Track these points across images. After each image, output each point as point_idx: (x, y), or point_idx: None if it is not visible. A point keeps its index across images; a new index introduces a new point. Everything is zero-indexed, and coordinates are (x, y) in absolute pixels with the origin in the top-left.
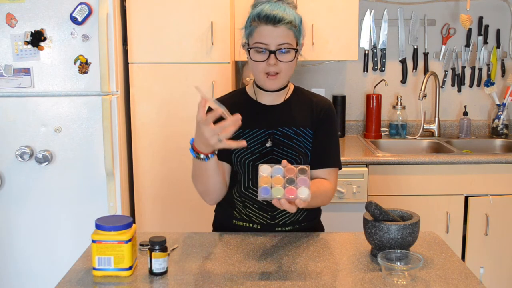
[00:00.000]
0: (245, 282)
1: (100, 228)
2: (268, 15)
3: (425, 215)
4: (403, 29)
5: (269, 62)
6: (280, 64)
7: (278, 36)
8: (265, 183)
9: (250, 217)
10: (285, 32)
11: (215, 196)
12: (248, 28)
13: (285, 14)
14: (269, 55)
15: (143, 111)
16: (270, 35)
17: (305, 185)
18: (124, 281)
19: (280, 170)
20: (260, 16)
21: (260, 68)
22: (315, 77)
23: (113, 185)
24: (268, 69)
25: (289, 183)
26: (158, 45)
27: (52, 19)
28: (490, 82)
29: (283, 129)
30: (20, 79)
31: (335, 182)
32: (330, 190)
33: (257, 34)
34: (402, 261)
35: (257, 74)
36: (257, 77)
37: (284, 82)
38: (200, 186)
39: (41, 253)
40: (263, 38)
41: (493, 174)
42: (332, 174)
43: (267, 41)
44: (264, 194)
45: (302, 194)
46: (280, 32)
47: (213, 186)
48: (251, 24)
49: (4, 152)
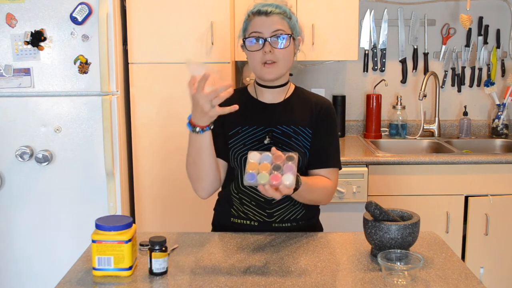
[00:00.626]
0: (245, 282)
1: (100, 228)
2: (260, 8)
3: (425, 215)
4: (403, 29)
5: (264, 49)
6: (276, 52)
7: (271, 24)
8: (252, 169)
9: (247, 215)
10: (278, 21)
11: (207, 185)
12: (243, 26)
13: (277, 6)
14: (264, 43)
15: (143, 111)
16: (263, 24)
17: (291, 172)
18: (124, 281)
19: (268, 157)
20: (253, 10)
21: (257, 58)
22: (315, 77)
23: (113, 185)
24: (264, 58)
25: (275, 170)
26: (158, 45)
27: (52, 19)
28: (490, 82)
29: (282, 127)
30: (20, 79)
31: (336, 181)
32: (329, 188)
33: (251, 26)
34: (402, 261)
35: (254, 65)
36: (255, 69)
37: (282, 72)
38: (193, 170)
39: (41, 253)
40: (257, 28)
41: (493, 174)
42: (332, 174)
43: (260, 29)
44: (250, 179)
45: (286, 181)
46: (273, 20)
47: (206, 170)
48: (245, 20)
49: (4, 152)
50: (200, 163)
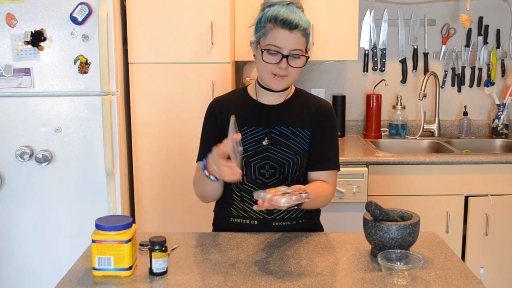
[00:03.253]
0: (245, 282)
1: (100, 228)
2: (285, 19)
3: (425, 215)
4: (403, 29)
5: (280, 65)
6: (290, 69)
7: (293, 42)
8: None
9: (247, 212)
10: (299, 39)
11: (212, 201)
12: (262, 29)
13: (300, 20)
14: (281, 59)
15: (143, 111)
16: (285, 39)
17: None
18: (124, 281)
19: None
20: (277, 19)
21: (269, 69)
22: (315, 77)
23: (113, 185)
24: (277, 71)
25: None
26: (158, 45)
27: (52, 19)
28: (490, 82)
29: (281, 129)
30: (20, 79)
31: (335, 184)
32: (330, 194)
33: (271, 36)
34: (402, 261)
35: (264, 73)
36: (263, 76)
37: (289, 85)
38: (199, 192)
39: (41, 253)
40: (278, 42)
41: (493, 174)
42: (332, 177)
43: (281, 45)
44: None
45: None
46: (295, 38)
47: (212, 195)
48: (265, 25)
49: (4, 152)
50: (207, 192)
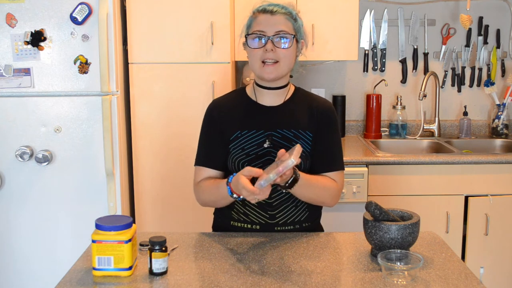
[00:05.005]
0: (245, 282)
1: (100, 228)
2: (266, 6)
3: (425, 215)
4: (403, 29)
5: (266, 47)
6: (278, 52)
7: (276, 23)
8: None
9: (248, 216)
10: (283, 21)
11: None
12: (247, 23)
13: (283, 7)
14: (266, 42)
15: (143, 111)
16: (267, 22)
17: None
18: (124, 281)
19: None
20: (259, 8)
21: (258, 56)
22: (315, 77)
23: (113, 185)
24: (265, 56)
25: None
26: (158, 45)
27: (52, 19)
28: (490, 82)
29: (282, 131)
30: (20, 79)
31: (341, 183)
32: (332, 188)
33: (255, 24)
34: (402, 261)
35: (254, 63)
36: (254, 67)
37: (282, 73)
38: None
39: (41, 253)
40: (262, 26)
41: (493, 174)
42: (337, 177)
43: (265, 28)
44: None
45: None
46: (278, 19)
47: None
48: (250, 17)
49: (4, 152)
50: (223, 203)
